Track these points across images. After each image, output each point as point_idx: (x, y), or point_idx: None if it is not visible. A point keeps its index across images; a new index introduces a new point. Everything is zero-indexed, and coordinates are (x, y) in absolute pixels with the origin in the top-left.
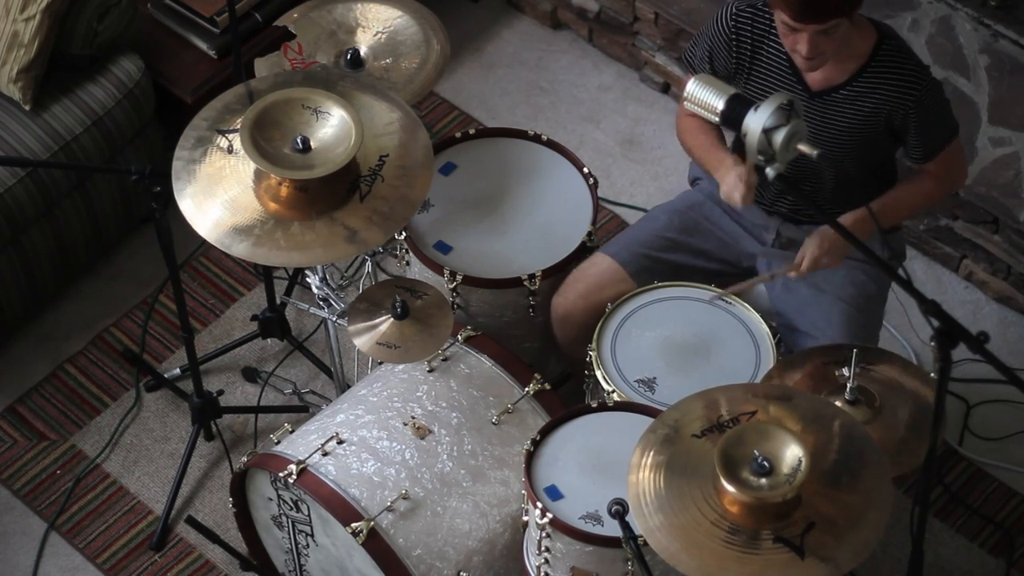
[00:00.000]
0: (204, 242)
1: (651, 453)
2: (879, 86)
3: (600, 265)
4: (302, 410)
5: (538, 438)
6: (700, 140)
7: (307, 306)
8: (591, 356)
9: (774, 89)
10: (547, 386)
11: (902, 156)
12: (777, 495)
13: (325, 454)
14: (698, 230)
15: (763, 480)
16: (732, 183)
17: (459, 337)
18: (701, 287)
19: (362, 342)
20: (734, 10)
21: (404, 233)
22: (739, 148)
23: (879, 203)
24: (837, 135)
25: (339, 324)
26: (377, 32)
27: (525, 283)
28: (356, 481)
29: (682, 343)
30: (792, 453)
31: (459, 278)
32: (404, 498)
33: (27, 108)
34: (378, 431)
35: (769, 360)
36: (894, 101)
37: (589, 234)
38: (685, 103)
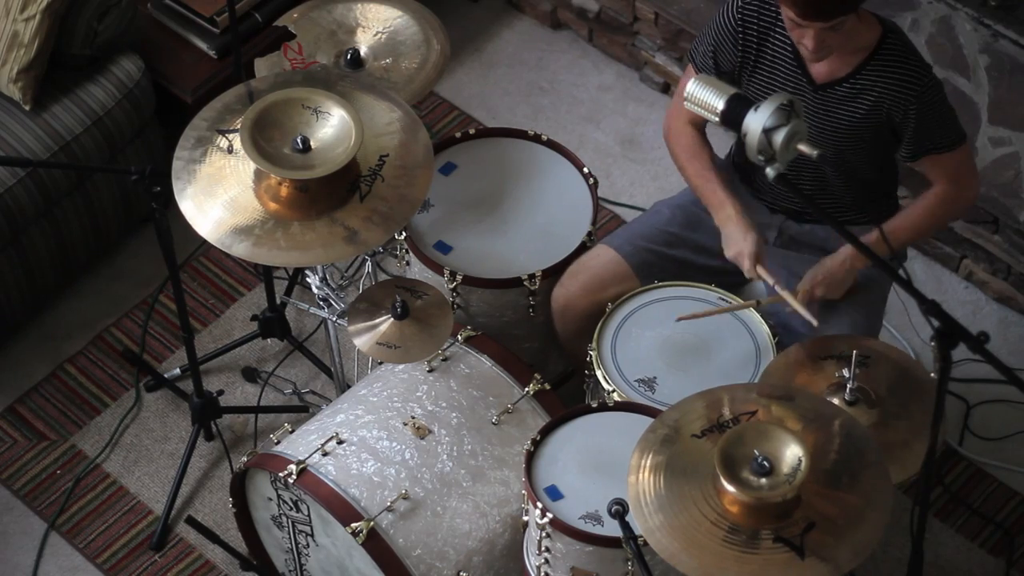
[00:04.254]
0: (204, 242)
1: (651, 453)
2: (881, 80)
3: (602, 257)
4: (302, 410)
5: (538, 438)
6: (695, 166)
7: (307, 306)
8: (591, 356)
9: (779, 82)
10: (547, 386)
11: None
12: (777, 495)
13: (325, 454)
14: (700, 226)
15: (763, 480)
16: (739, 251)
17: (459, 337)
18: (702, 287)
19: (362, 342)
20: (740, 3)
21: (404, 233)
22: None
23: (891, 225)
24: (840, 129)
25: (339, 324)
26: (377, 32)
27: (525, 283)
28: (356, 481)
29: (682, 343)
30: (792, 453)
31: (459, 278)
32: (404, 498)
33: (27, 108)
34: (378, 431)
35: (769, 361)
36: (894, 96)
37: (589, 234)
38: (685, 103)
